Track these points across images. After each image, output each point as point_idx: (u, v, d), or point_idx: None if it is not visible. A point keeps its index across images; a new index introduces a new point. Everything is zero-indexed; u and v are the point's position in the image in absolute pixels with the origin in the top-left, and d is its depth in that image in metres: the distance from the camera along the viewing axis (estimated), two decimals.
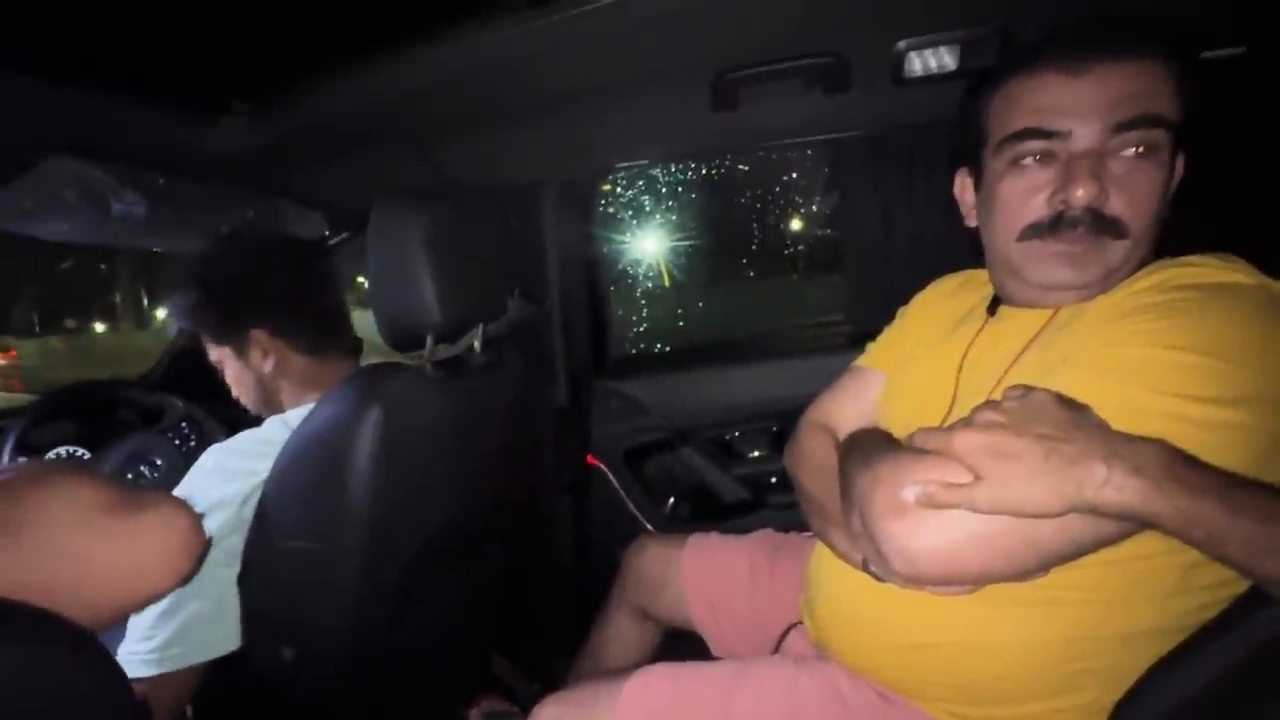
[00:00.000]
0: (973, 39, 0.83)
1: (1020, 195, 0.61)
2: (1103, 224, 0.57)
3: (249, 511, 0.78)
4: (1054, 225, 0.59)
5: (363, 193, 1.25)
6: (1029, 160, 0.60)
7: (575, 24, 0.78)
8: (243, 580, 0.77)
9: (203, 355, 0.96)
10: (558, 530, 1.33)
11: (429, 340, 0.87)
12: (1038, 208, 0.60)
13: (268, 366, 0.91)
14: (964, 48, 0.84)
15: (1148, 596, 0.53)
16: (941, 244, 1.23)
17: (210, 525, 0.75)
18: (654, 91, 0.99)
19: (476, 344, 1.02)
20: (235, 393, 0.96)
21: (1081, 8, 0.78)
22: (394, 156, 1.13)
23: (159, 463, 1.26)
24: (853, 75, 0.90)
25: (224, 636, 0.77)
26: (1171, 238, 0.61)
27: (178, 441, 1.30)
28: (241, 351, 0.92)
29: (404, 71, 0.89)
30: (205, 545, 0.51)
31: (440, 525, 0.89)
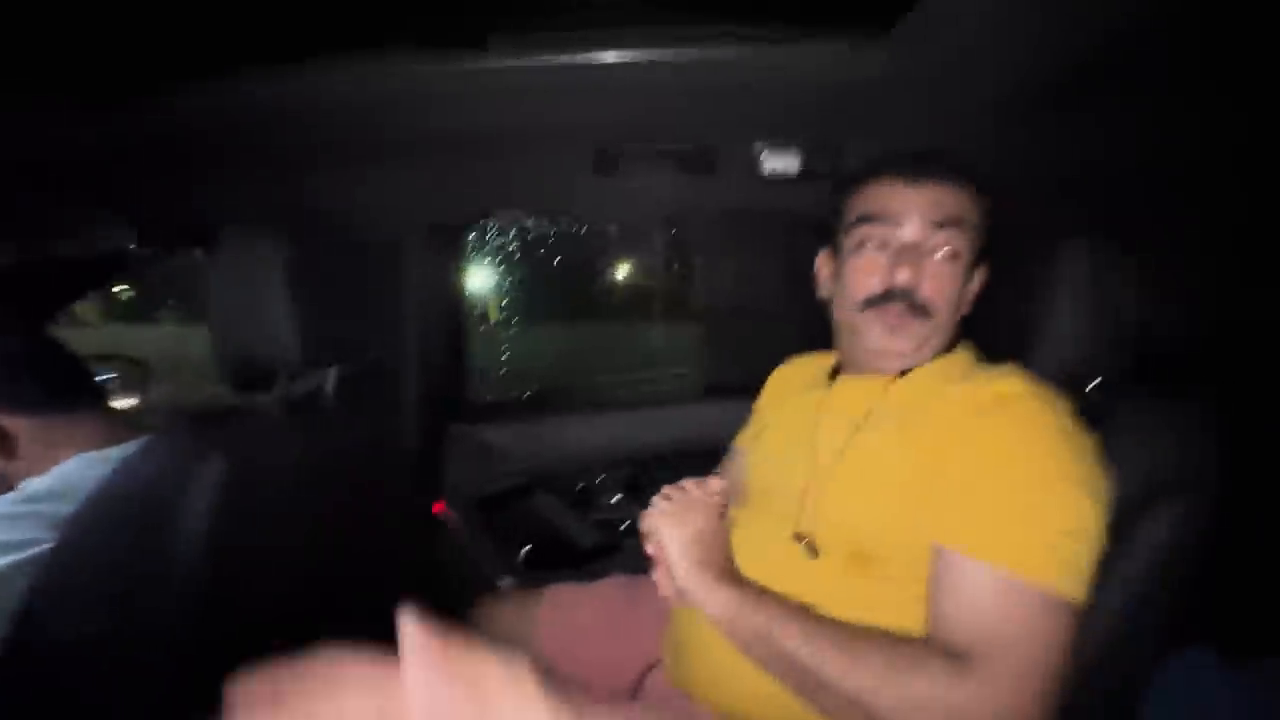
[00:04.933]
0: (814, 149, 1.00)
1: (862, 272, 0.76)
2: (914, 305, 0.72)
3: (5, 596, 0.61)
4: (883, 299, 0.74)
5: (193, 208, 1.11)
6: (870, 245, 0.75)
7: (463, 77, 0.80)
8: None
9: None
10: (404, 582, 1.24)
11: (282, 378, 0.79)
12: (873, 285, 0.75)
13: None
14: (806, 155, 1.00)
15: None
16: (783, 311, 1.42)
17: None
18: (535, 149, 1.03)
19: (329, 384, 0.94)
20: None
21: (895, 143, 1.00)
22: (243, 176, 1.02)
23: None
24: (719, 163, 1.03)
25: None
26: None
27: None
28: None
29: (273, 91, 0.82)
30: None
31: (280, 591, 0.78)
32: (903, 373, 0.76)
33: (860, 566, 0.67)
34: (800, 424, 0.82)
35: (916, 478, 0.66)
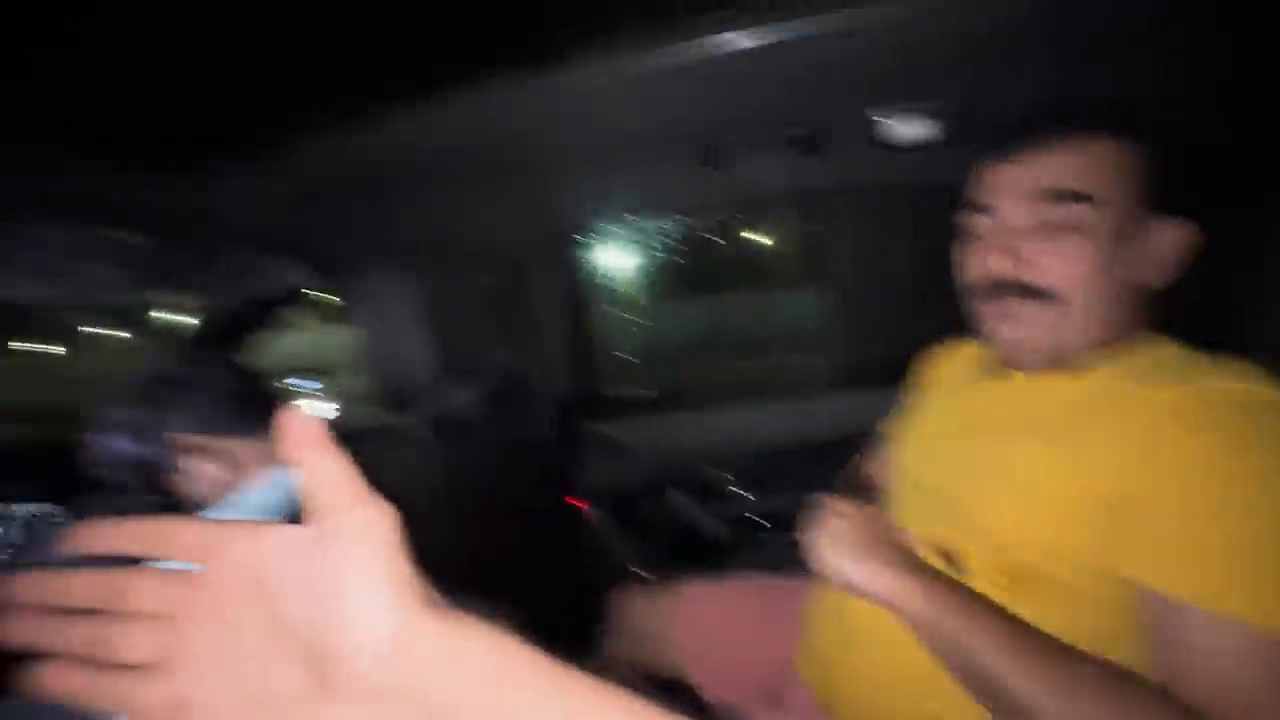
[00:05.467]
0: (940, 113, 0.89)
1: (967, 263, 0.69)
2: (1025, 291, 0.63)
3: None
4: (985, 289, 0.66)
5: (345, 240, 1.25)
6: (972, 233, 0.68)
7: (574, 91, 0.81)
8: None
9: None
10: (545, 577, 1.32)
11: (425, 400, 0.87)
12: (972, 275, 0.68)
13: (211, 466, 0.86)
14: (932, 120, 0.90)
15: None
16: (920, 297, 1.29)
17: None
18: (646, 151, 1.02)
19: (469, 401, 1.02)
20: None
21: (1036, 88, 0.86)
22: (382, 206, 1.14)
23: None
24: (832, 141, 0.95)
25: None
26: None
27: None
28: (181, 465, 0.87)
29: (404, 127, 0.89)
30: None
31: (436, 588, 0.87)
32: (1076, 371, 0.65)
33: (1018, 588, 0.59)
34: (953, 422, 0.74)
35: (1090, 496, 0.56)
